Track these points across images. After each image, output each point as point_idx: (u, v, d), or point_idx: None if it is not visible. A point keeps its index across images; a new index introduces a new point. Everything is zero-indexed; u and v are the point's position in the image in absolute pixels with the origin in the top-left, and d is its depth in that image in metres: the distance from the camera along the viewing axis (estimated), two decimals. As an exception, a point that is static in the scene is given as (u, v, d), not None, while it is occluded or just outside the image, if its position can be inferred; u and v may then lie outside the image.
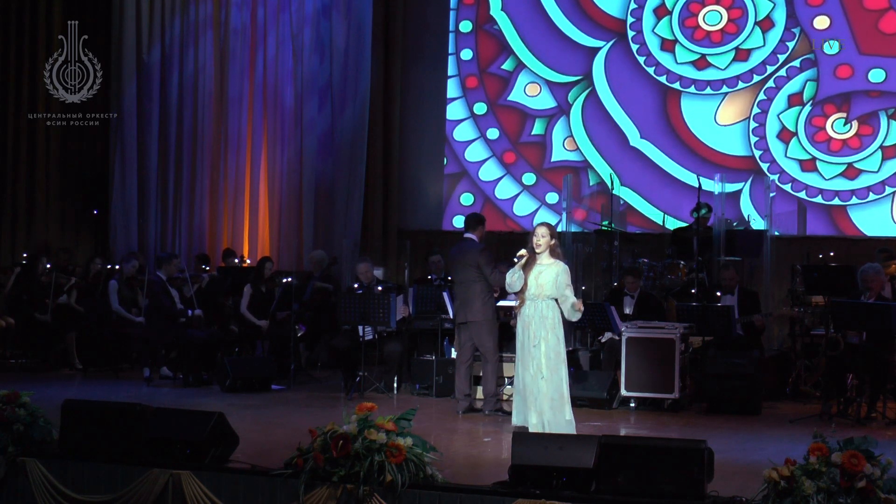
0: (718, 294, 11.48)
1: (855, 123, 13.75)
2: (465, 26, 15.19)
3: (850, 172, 13.76)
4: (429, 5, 15.45)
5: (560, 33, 14.78)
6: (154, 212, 15.73)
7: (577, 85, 14.68)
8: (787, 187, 13.90)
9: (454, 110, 15.20)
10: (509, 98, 14.98)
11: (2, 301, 13.52)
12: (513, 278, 8.86)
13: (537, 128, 14.86)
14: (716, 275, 12.17)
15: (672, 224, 13.93)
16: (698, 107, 14.33)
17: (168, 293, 12.19)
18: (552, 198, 14.65)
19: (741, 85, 14.17)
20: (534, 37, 14.90)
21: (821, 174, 13.85)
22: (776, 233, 13.30)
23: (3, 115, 15.94)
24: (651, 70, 14.47)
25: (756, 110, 14.10)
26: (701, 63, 14.32)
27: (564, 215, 13.55)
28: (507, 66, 15.01)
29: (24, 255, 14.76)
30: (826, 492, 5.79)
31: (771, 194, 13.37)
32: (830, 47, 13.79)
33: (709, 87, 14.31)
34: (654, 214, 14.35)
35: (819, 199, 13.85)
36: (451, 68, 15.22)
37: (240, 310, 12.71)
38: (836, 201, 13.78)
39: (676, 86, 14.37)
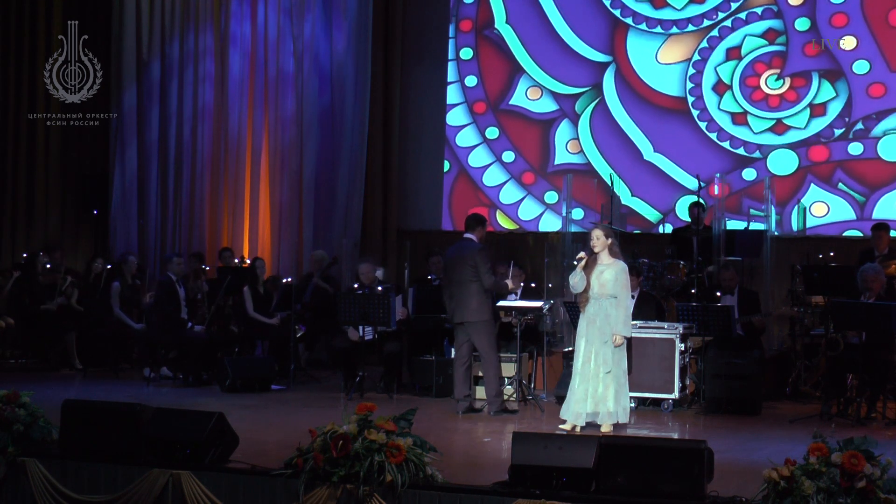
0: (718, 294, 11.48)
1: (787, 79, 13.72)
2: (467, 39, 15.18)
3: (779, 128, 13.78)
4: (429, 6, 15.44)
5: (563, 43, 14.73)
6: (154, 212, 15.72)
7: (585, 94, 14.61)
8: (714, 136, 13.99)
9: (454, 113, 15.22)
10: (510, 102, 14.96)
11: (2, 301, 13.52)
12: (575, 280, 9.15)
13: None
14: (716, 275, 12.16)
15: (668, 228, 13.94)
16: (642, 43, 14.35)
17: (175, 296, 12.18)
18: (552, 197, 14.68)
19: (690, 28, 14.17)
20: (538, 45, 14.82)
21: (750, 128, 13.88)
22: (775, 233, 13.29)
23: (3, 115, 15.93)
24: (607, 2, 14.48)
25: (696, 57, 14.11)
26: (658, 2, 14.30)
27: (564, 216, 13.53)
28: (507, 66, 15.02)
29: (24, 255, 14.76)
30: (826, 492, 5.79)
31: (770, 196, 13.35)
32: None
33: (659, 27, 14.30)
34: (654, 216, 14.35)
35: (741, 151, 13.89)
36: (452, 72, 15.22)
37: (248, 313, 12.73)
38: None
39: (629, 21, 14.37)
